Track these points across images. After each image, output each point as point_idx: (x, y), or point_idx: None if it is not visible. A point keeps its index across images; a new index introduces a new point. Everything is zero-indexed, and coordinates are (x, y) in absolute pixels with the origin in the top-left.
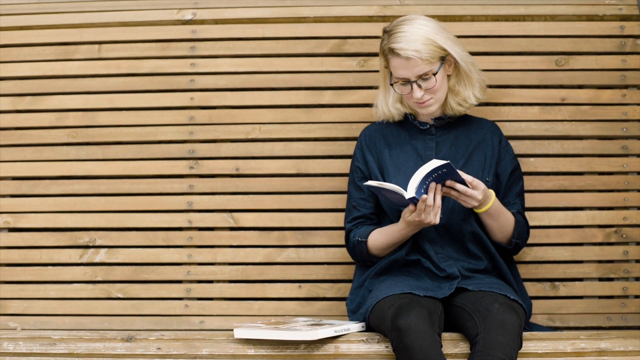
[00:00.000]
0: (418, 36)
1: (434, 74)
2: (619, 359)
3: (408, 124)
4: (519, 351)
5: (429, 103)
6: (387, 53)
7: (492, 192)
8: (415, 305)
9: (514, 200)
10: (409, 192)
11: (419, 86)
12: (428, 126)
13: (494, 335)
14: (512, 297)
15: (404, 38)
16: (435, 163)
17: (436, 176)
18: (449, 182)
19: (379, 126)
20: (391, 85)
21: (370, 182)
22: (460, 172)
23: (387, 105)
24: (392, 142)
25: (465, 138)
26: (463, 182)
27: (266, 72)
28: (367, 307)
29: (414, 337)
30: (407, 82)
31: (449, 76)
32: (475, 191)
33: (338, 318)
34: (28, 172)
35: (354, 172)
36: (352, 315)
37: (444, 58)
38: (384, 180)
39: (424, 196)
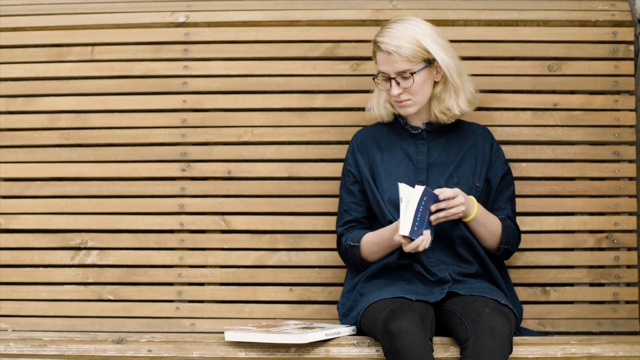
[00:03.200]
0: (404, 34)
1: (412, 74)
2: None
3: (400, 128)
4: (510, 356)
5: (407, 104)
6: (374, 46)
7: (472, 198)
8: (407, 309)
9: (504, 205)
10: (404, 230)
11: (398, 83)
12: (420, 130)
13: (484, 340)
14: (503, 302)
15: (390, 34)
16: (416, 196)
17: (423, 205)
18: (433, 207)
19: (371, 130)
20: (374, 79)
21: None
22: (436, 190)
23: (378, 104)
24: (383, 145)
25: (457, 143)
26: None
27: (259, 75)
28: (359, 310)
29: (405, 342)
30: (388, 78)
31: (436, 83)
32: (457, 198)
33: (329, 321)
34: (20, 173)
35: (345, 176)
36: (343, 319)
37: (431, 62)
38: (375, 185)
39: (420, 241)
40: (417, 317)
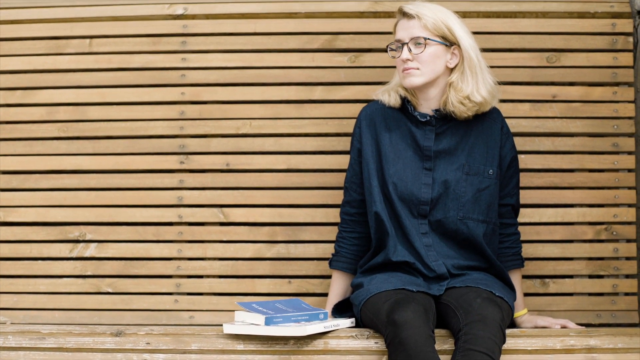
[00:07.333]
0: (432, 8)
1: (426, 39)
2: (608, 356)
3: (408, 113)
4: (509, 348)
5: (413, 72)
6: (397, 14)
7: (524, 310)
8: (412, 300)
9: (514, 192)
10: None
11: (409, 49)
12: (428, 118)
13: (475, 329)
14: (497, 293)
15: (417, 3)
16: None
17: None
18: None
19: (380, 106)
20: (387, 47)
21: None
22: None
23: (387, 89)
24: (392, 125)
25: (466, 129)
26: None
27: (257, 68)
28: (360, 300)
29: (410, 332)
30: (400, 45)
31: (452, 71)
32: None
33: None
34: (18, 166)
35: (351, 150)
36: (336, 313)
37: (449, 45)
38: (382, 166)
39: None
40: (421, 308)
